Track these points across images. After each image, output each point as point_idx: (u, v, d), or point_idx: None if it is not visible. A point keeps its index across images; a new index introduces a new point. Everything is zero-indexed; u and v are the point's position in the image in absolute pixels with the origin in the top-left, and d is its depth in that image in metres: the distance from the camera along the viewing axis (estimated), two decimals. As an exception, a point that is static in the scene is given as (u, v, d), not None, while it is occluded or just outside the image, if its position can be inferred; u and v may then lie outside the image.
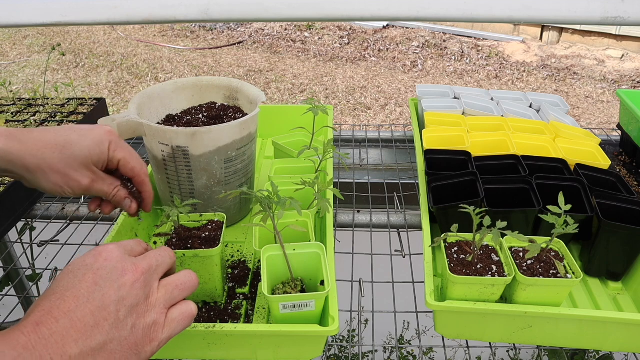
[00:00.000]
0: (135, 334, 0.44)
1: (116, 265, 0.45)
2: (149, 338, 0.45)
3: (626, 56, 4.36)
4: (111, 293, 0.43)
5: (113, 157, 0.62)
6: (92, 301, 0.42)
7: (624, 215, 0.74)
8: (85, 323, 0.41)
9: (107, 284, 0.44)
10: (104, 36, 5.14)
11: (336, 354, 0.83)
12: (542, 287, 0.63)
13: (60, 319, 0.40)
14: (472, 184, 0.79)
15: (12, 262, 0.89)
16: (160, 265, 0.49)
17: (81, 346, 0.40)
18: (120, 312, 0.43)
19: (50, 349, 0.38)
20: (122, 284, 0.44)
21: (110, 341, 0.42)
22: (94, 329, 0.41)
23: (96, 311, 0.42)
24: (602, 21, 0.64)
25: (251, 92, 0.87)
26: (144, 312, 0.45)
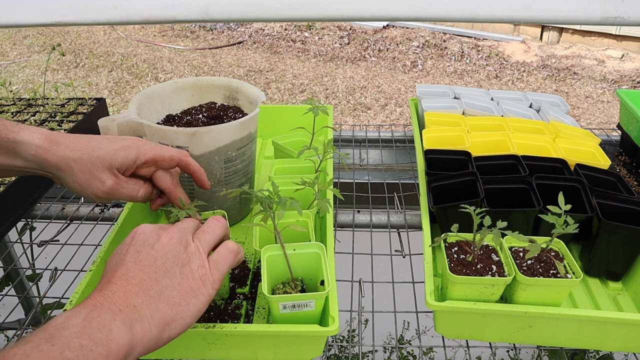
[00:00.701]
0: (187, 278, 0.49)
1: (150, 234, 0.52)
2: (201, 279, 0.50)
3: (626, 56, 4.36)
4: (152, 253, 0.49)
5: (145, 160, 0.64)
6: (138, 263, 0.48)
7: (624, 215, 0.74)
8: (139, 279, 0.47)
9: (146, 249, 0.50)
10: (104, 36, 5.14)
11: (336, 354, 0.83)
12: (542, 287, 0.63)
13: (117, 282, 0.46)
14: (472, 184, 0.79)
15: (12, 262, 0.89)
16: (187, 227, 0.55)
17: (141, 296, 0.46)
18: (166, 263, 0.49)
19: (116, 302, 0.44)
20: (160, 244, 0.50)
21: (165, 288, 0.47)
22: (148, 282, 0.47)
23: (145, 268, 0.48)
24: (602, 21, 0.64)
25: (251, 92, 0.87)
26: (187, 259, 0.50)
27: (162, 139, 0.75)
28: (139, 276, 0.47)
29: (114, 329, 0.42)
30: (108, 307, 0.43)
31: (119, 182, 0.63)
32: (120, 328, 0.42)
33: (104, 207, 0.95)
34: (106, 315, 0.42)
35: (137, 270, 0.47)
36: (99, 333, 0.41)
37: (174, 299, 0.47)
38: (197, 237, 0.54)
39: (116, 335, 0.41)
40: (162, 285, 0.47)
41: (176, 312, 0.47)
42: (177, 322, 0.47)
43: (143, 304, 0.45)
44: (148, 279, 0.47)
